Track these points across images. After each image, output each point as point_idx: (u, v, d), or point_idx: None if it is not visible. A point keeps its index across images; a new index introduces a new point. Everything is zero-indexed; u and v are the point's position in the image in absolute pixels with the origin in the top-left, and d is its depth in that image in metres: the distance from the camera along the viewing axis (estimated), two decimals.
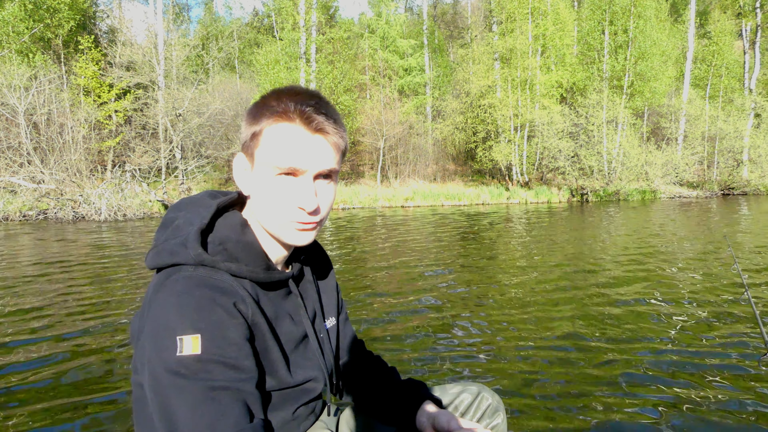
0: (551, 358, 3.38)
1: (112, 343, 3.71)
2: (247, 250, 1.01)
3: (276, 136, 0.95)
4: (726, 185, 27.30)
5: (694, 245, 8.56)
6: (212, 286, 0.92)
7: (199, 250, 0.95)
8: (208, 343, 0.86)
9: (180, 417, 0.83)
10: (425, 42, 34.39)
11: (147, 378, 0.88)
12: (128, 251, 8.49)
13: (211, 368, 0.85)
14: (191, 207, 1.07)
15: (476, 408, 1.29)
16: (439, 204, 22.06)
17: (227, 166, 23.63)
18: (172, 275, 0.93)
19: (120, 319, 4.32)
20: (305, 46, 22.42)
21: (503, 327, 4.09)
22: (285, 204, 0.97)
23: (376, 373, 1.33)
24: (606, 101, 24.38)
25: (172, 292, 0.90)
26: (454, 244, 9.29)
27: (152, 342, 0.87)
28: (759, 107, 28.42)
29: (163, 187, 18.28)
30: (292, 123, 0.95)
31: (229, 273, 0.97)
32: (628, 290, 5.27)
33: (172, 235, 1.00)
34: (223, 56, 30.55)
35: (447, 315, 4.42)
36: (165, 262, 0.96)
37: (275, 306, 1.05)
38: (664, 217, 14.33)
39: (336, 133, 0.97)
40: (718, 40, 29.74)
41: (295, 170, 0.96)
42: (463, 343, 3.71)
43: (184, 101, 18.88)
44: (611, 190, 23.84)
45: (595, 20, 26.38)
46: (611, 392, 2.83)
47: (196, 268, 0.94)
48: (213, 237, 1.00)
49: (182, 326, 0.86)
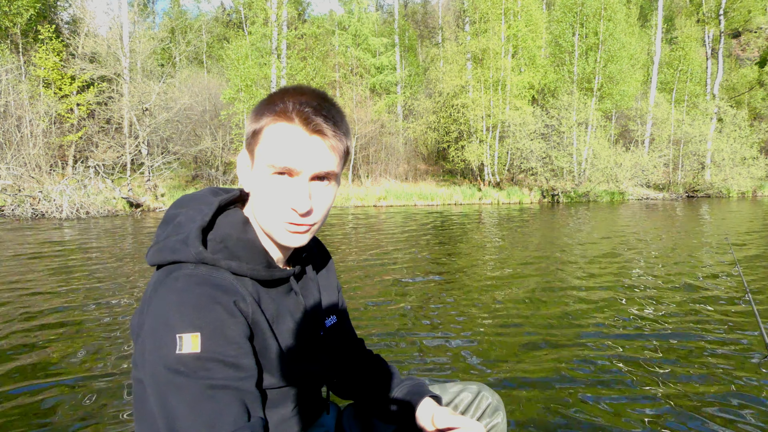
0: (550, 359, 3.35)
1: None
2: (248, 248, 1.00)
3: (274, 135, 0.95)
4: (691, 188, 27.95)
5: (690, 247, 8.61)
6: (212, 285, 0.91)
7: (200, 248, 0.94)
8: (207, 342, 0.86)
9: (179, 414, 0.83)
10: (396, 41, 34.22)
11: (147, 375, 0.88)
12: (94, 250, 8.05)
13: (210, 366, 0.85)
14: (193, 204, 1.05)
15: (476, 407, 1.29)
16: (411, 204, 21.94)
17: (194, 162, 23.05)
18: (173, 273, 0.93)
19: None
20: (277, 42, 21.97)
21: (502, 326, 4.04)
22: (278, 204, 0.96)
23: (376, 371, 1.32)
24: (576, 103, 24.65)
25: (172, 289, 0.90)
26: (436, 245, 9.14)
27: (152, 339, 0.87)
28: (722, 112, 29.18)
29: (129, 183, 17.63)
30: (291, 123, 0.94)
31: (230, 271, 0.96)
32: (626, 292, 5.25)
33: (173, 232, 0.99)
34: (191, 50, 29.77)
35: (431, 314, 4.30)
36: (166, 259, 0.96)
37: (276, 304, 1.04)
38: (644, 219, 14.48)
39: (335, 135, 0.96)
40: (684, 45, 30.44)
41: (290, 170, 0.95)
42: (453, 344, 3.64)
43: (152, 95, 18.23)
44: (581, 191, 24.11)
45: (566, 22, 26.66)
46: (610, 393, 2.82)
47: (197, 266, 0.94)
48: (214, 235, 0.99)
49: (182, 324, 0.86)
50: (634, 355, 3.41)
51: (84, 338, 3.76)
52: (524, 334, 3.84)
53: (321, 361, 1.15)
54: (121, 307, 4.63)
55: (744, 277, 4.17)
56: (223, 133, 22.30)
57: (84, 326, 4.07)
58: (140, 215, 15.63)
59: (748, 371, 3.11)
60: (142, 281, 5.80)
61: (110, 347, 3.54)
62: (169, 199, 17.91)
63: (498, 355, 3.43)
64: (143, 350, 0.90)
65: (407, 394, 1.22)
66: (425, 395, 1.21)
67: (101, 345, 3.59)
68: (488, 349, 3.54)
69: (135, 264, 6.97)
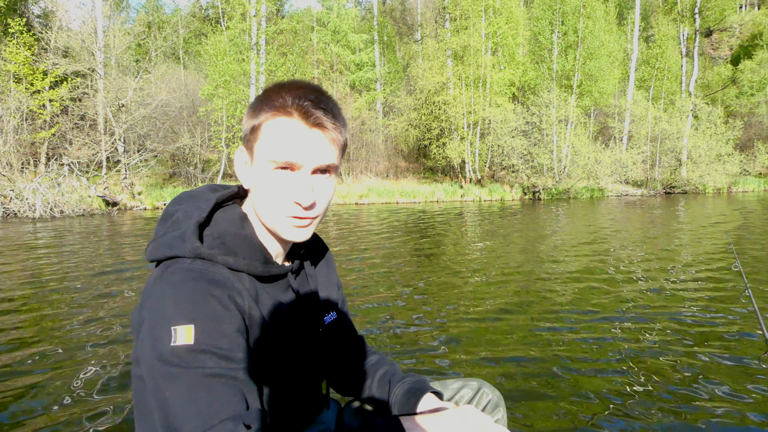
0: (551, 356, 3.35)
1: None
2: (245, 243, 1.01)
3: (274, 131, 0.95)
4: (668, 184, 28.33)
5: (684, 242, 8.65)
6: (208, 279, 0.92)
7: (197, 243, 0.95)
8: (200, 334, 0.86)
9: (173, 405, 0.83)
10: (375, 38, 34.04)
11: (144, 368, 0.88)
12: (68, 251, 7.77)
13: (203, 358, 0.85)
14: (191, 200, 1.06)
15: (477, 403, 1.30)
16: (393, 201, 21.84)
17: (172, 160, 22.61)
18: (170, 267, 0.93)
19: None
20: (256, 37, 21.64)
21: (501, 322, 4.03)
22: (281, 198, 0.97)
23: (377, 368, 1.32)
24: (557, 100, 24.78)
25: (168, 283, 0.90)
26: (424, 241, 9.04)
27: (149, 332, 0.88)
28: (698, 109, 29.62)
29: (104, 181, 17.19)
30: (290, 117, 0.95)
31: (227, 266, 0.97)
32: (626, 287, 5.28)
33: (171, 228, 1.00)
34: (168, 46, 29.20)
35: (421, 310, 4.24)
36: (163, 255, 0.96)
37: (273, 300, 1.04)
38: (629, 215, 14.58)
39: (334, 128, 0.97)
40: (661, 43, 30.81)
41: (292, 165, 0.95)
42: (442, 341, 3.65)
43: (128, 91, 17.77)
44: (562, 188, 24.27)
45: (546, 19, 26.79)
46: (610, 390, 2.81)
47: (194, 261, 0.94)
48: (211, 230, 0.99)
49: (177, 317, 0.86)
50: (633, 349, 3.43)
51: (55, 340, 3.56)
52: (519, 330, 3.83)
53: (319, 358, 1.15)
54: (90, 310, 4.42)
55: (744, 272, 4.19)
56: (202, 130, 21.89)
57: (54, 329, 3.86)
58: (117, 214, 15.24)
59: (749, 365, 3.14)
60: (113, 284, 5.57)
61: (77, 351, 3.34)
62: (146, 197, 17.51)
63: (491, 350, 3.44)
64: (142, 345, 0.90)
65: (408, 390, 1.22)
66: (426, 391, 1.20)
67: (71, 350, 3.40)
68: (478, 344, 3.56)
69: (109, 265, 6.72)
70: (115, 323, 4.03)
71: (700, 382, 2.92)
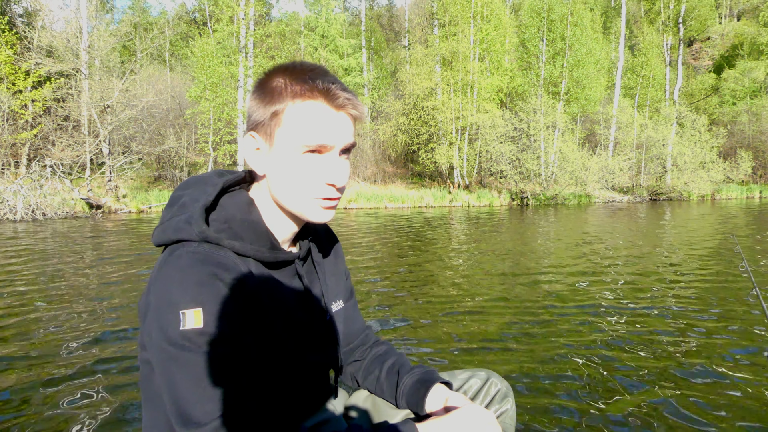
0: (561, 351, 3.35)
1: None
2: (252, 228, 1.00)
3: (303, 115, 0.95)
4: (654, 191, 28.57)
5: (689, 245, 8.63)
6: (215, 263, 0.91)
7: (203, 227, 0.94)
8: (209, 317, 0.86)
9: (182, 389, 0.85)
10: (363, 43, 33.99)
11: (153, 352, 0.89)
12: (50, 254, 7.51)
13: (212, 341, 0.86)
14: (198, 185, 1.04)
15: (485, 393, 1.29)
16: (382, 206, 21.70)
17: (157, 162, 22.25)
18: (176, 251, 0.93)
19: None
20: (244, 40, 21.44)
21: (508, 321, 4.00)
22: (313, 181, 0.97)
23: (385, 358, 1.31)
24: (544, 106, 24.89)
25: (175, 267, 0.90)
26: (417, 245, 8.91)
27: (156, 316, 0.87)
28: (682, 117, 29.95)
29: (88, 184, 16.81)
30: (317, 101, 0.94)
31: (233, 251, 0.96)
32: (631, 290, 5.25)
33: (177, 213, 0.99)
34: (154, 48, 28.84)
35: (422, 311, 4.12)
36: (170, 239, 0.96)
37: (280, 286, 1.04)
38: (625, 221, 14.60)
39: (356, 107, 0.98)
40: (646, 51, 31.16)
41: (323, 147, 0.96)
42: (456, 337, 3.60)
43: (114, 92, 17.44)
44: (550, 194, 24.33)
45: (534, 27, 26.96)
46: (616, 385, 2.80)
47: (200, 245, 0.93)
48: (218, 215, 0.99)
49: (185, 300, 0.86)
50: (642, 347, 3.41)
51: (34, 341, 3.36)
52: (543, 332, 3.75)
53: (325, 347, 1.14)
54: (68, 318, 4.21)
55: (751, 272, 4.22)
56: (188, 132, 21.58)
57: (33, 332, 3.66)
58: (101, 217, 14.90)
59: (756, 363, 3.14)
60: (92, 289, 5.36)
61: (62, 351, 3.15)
62: (131, 200, 17.16)
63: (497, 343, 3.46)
64: (150, 329, 0.89)
65: (418, 381, 1.21)
66: (435, 382, 1.19)
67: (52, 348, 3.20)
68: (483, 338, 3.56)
69: (93, 269, 6.49)
70: (92, 326, 3.84)
71: (708, 376, 2.91)
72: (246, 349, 0.91)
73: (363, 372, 1.32)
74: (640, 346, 3.40)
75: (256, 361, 0.93)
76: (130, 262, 6.85)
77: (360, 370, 1.32)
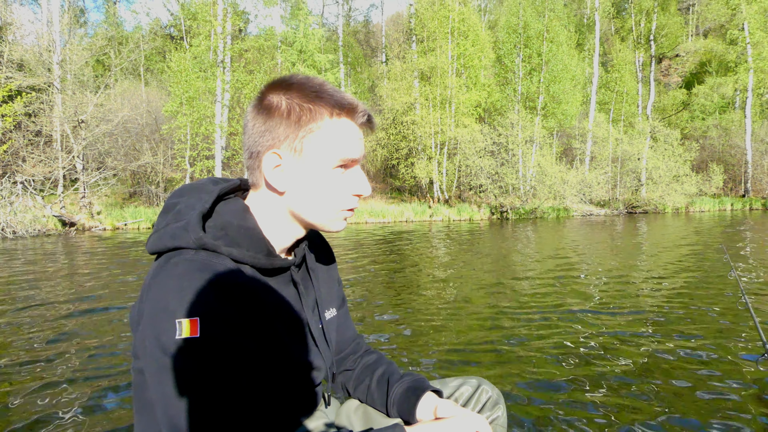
0: (551, 358, 3.41)
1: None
2: (248, 235, 0.99)
3: (336, 131, 0.98)
4: (630, 204, 28.96)
5: (677, 255, 8.66)
6: (213, 270, 0.89)
7: (201, 233, 0.93)
8: (207, 327, 0.84)
9: (175, 399, 0.83)
10: (341, 58, 34.05)
11: (147, 362, 0.87)
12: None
13: (209, 352, 0.84)
14: (193, 192, 1.04)
15: (476, 400, 1.29)
16: (362, 221, 21.54)
17: (133, 179, 21.80)
18: (172, 258, 0.91)
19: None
20: (222, 54, 21.24)
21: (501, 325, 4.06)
22: (343, 194, 1.01)
23: (375, 367, 1.31)
24: (522, 121, 25.14)
25: (171, 275, 0.88)
26: (405, 258, 8.79)
27: (151, 325, 0.86)
28: (656, 131, 30.53)
29: (61, 200, 16.33)
30: (347, 118, 0.99)
31: (231, 258, 0.95)
32: (621, 297, 5.28)
33: (173, 220, 0.98)
34: (129, 63, 28.41)
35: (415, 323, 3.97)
36: (165, 246, 0.94)
37: (276, 293, 1.03)
38: (609, 233, 14.68)
39: (371, 121, 1.04)
40: (620, 68, 31.79)
41: (352, 161, 1.01)
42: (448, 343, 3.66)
43: (89, 106, 17.03)
44: (529, 207, 24.48)
45: (511, 43, 27.30)
46: (609, 392, 2.82)
47: (197, 252, 0.92)
48: (214, 222, 0.98)
49: (181, 309, 0.84)
50: (633, 354, 3.45)
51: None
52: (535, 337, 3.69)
53: (319, 353, 1.14)
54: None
55: (740, 280, 4.33)
56: (165, 148, 21.20)
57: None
58: (75, 235, 14.45)
59: (748, 369, 3.17)
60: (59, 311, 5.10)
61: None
62: (105, 217, 16.71)
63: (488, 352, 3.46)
64: (143, 338, 0.87)
65: (408, 389, 1.21)
66: (426, 390, 1.19)
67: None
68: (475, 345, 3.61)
69: (63, 289, 6.21)
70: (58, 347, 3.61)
71: (698, 383, 2.94)
72: (243, 359, 0.88)
73: (354, 381, 1.32)
74: (632, 358, 3.40)
75: (253, 371, 0.91)
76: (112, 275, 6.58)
77: (351, 380, 1.32)
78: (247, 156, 1.02)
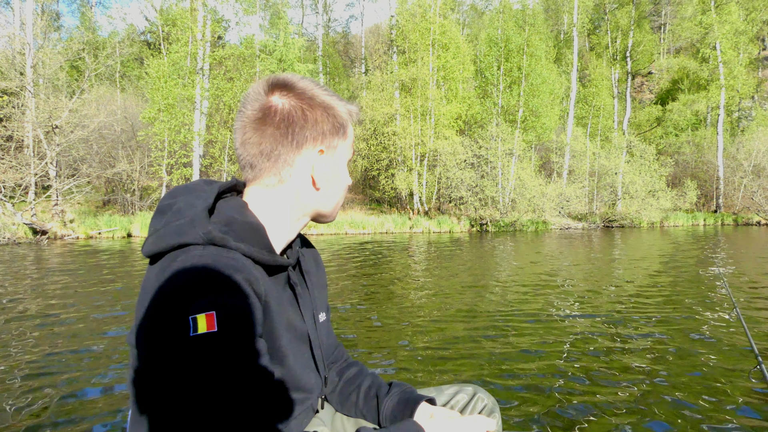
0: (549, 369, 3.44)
1: None
2: (252, 231, 0.97)
3: (351, 131, 1.08)
4: (607, 218, 29.29)
5: (667, 267, 8.68)
6: (226, 264, 0.86)
7: (209, 227, 0.90)
8: (223, 320, 0.81)
9: (185, 398, 0.79)
10: (320, 68, 33.95)
11: (156, 359, 0.81)
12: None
13: (228, 346, 0.81)
14: (189, 193, 1.00)
15: (472, 408, 1.28)
16: (342, 232, 21.35)
17: (107, 186, 21.26)
18: (180, 257, 0.86)
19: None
20: (202, 61, 20.93)
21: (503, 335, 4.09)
22: (346, 185, 1.10)
23: (359, 380, 1.27)
24: (502, 134, 25.29)
25: (181, 271, 0.84)
26: (381, 270, 8.64)
27: (162, 324, 0.81)
28: (632, 146, 31.01)
29: (32, 208, 15.79)
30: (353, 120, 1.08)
31: (240, 252, 0.92)
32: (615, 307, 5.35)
33: (173, 218, 0.93)
34: (105, 69, 27.83)
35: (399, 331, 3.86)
36: (169, 244, 0.89)
37: (277, 293, 1.01)
38: (590, 246, 14.73)
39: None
40: (597, 83, 32.29)
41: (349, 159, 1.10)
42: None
43: (63, 111, 16.55)
44: (508, 220, 24.56)
45: (492, 56, 27.53)
46: (604, 400, 2.83)
47: (206, 248, 0.88)
48: (218, 218, 0.94)
49: (195, 305, 0.80)
50: (626, 367, 3.47)
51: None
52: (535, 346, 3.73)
53: (318, 356, 1.13)
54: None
55: (731, 292, 4.32)
56: (141, 155, 20.73)
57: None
58: (46, 243, 13.96)
59: (739, 380, 3.21)
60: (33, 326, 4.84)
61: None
62: (78, 226, 16.21)
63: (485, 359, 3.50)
64: (150, 334, 0.82)
65: (400, 402, 1.18)
66: (420, 401, 1.16)
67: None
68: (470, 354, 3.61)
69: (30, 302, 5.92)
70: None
71: (691, 393, 2.98)
72: (258, 356, 0.86)
73: (338, 397, 1.28)
74: (626, 368, 3.43)
75: (263, 370, 0.87)
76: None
77: (335, 395, 1.28)
78: (257, 153, 0.99)
